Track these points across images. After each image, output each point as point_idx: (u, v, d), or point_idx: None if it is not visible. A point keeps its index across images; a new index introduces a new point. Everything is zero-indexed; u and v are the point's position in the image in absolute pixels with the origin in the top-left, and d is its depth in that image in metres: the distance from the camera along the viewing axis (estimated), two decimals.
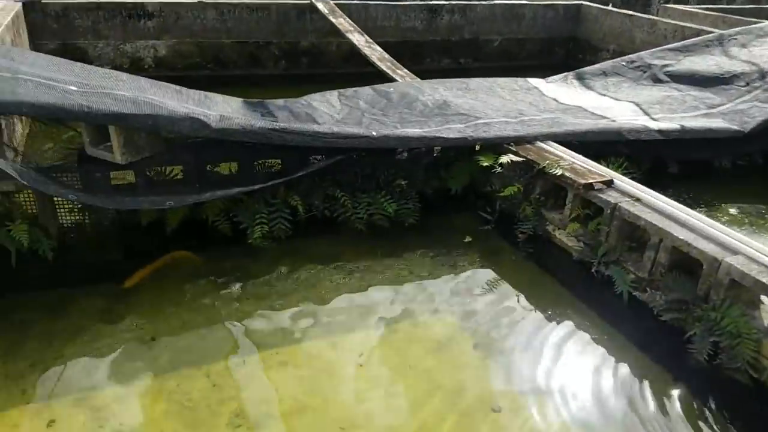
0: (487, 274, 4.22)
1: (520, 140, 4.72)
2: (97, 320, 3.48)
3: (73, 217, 3.94)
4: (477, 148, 4.76)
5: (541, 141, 4.78)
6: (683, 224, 3.53)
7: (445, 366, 3.30)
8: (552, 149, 4.65)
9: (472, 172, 4.86)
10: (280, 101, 4.77)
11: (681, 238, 3.39)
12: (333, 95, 5.24)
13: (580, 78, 6.71)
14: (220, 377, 3.10)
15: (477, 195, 4.99)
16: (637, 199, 3.88)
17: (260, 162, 4.27)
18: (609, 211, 3.87)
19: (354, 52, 7.75)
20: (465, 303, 3.86)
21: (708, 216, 3.78)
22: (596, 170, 4.22)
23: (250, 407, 2.93)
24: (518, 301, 3.92)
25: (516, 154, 4.49)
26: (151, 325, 3.47)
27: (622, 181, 4.11)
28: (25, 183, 3.40)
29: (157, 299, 3.68)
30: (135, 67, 7.43)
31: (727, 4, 13.76)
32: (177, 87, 4.45)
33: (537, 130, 4.89)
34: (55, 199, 3.79)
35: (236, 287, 3.86)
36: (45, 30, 7.12)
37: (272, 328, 3.54)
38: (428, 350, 3.41)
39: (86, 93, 3.64)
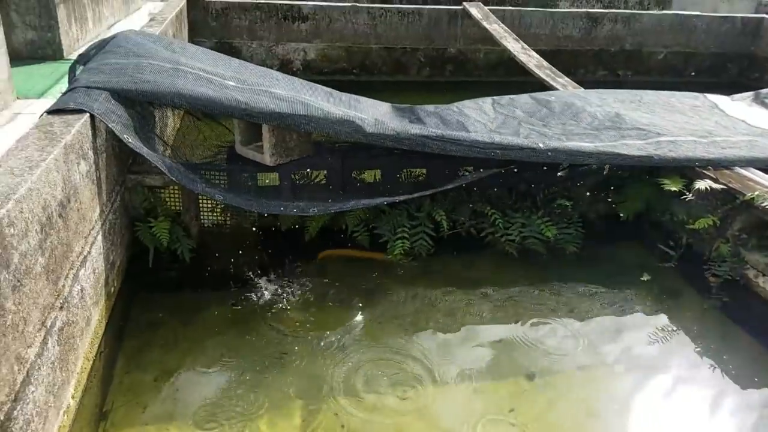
0: (663, 322, 3.50)
1: (715, 164, 3.94)
2: (225, 330, 3.22)
3: (215, 217, 3.81)
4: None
5: (741, 167, 3.98)
6: None
7: None
8: (757, 177, 3.82)
9: (648, 197, 4.17)
10: (430, 107, 4.44)
11: None
12: (486, 102, 4.81)
13: None
14: (342, 410, 2.72)
15: (651, 224, 4.28)
16: None
17: (405, 171, 3.96)
18: None
19: (502, 60, 7.31)
20: (633, 358, 3.18)
21: None
22: None
23: None
24: (703, 363, 3.16)
25: (714, 180, 3.74)
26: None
27: None
28: (174, 179, 3.25)
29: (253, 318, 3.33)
30: (284, 69, 7.56)
31: None
32: (328, 89, 4.28)
33: (735, 153, 4.07)
34: (200, 197, 3.67)
35: (363, 307, 3.45)
36: (205, 27, 7.45)
37: (398, 362, 3.05)
38: (577, 420, 2.79)
39: (243, 89, 3.53)
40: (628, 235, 4.30)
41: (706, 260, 3.74)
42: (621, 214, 4.22)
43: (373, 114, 4.09)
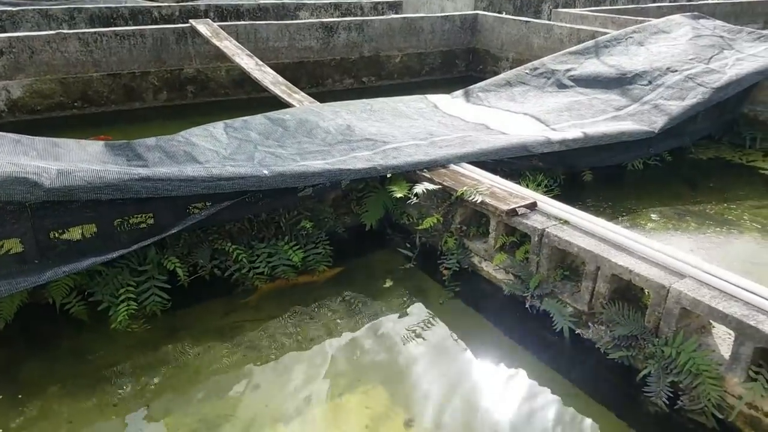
0: (414, 321, 3.66)
1: (433, 164, 4.27)
2: None
3: None
4: (389, 175, 4.26)
5: (455, 163, 4.37)
6: (619, 247, 3.18)
7: None
8: (468, 172, 4.24)
9: (386, 203, 4.36)
10: (151, 140, 4.04)
11: (620, 264, 3.03)
12: (218, 127, 4.57)
13: (484, 91, 6.42)
14: None
15: (394, 229, 4.49)
16: (565, 222, 3.53)
17: (125, 219, 3.50)
18: (537, 238, 3.48)
19: (245, 76, 7.08)
20: (392, 364, 3.28)
21: (631, 224, 3.50)
22: (517, 193, 3.84)
23: None
24: (449, 355, 3.37)
25: (430, 180, 4.02)
26: None
27: (547, 203, 3.75)
28: None
29: None
30: None
31: (610, 5, 14.46)
32: (16, 136, 3.62)
33: (449, 151, 4.47)
34: None
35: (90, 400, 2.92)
36: None
37: None
38: None
39: None
40: (376, 242, 4.45)
41: (439, 255, 4.03)
42: (365, 224, 4.34)
43: (72, 159, 3.55)
